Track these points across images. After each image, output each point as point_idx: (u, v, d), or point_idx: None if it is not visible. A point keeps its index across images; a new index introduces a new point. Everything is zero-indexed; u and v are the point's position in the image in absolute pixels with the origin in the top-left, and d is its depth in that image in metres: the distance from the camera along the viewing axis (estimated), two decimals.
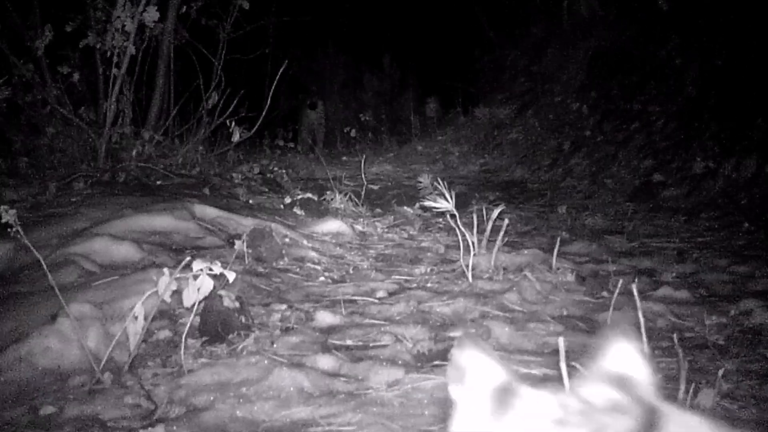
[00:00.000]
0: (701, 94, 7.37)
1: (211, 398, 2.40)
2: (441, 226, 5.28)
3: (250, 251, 3.95)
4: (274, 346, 2.84)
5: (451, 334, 3.03)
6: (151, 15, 5.98)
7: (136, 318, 2.54)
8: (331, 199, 5.82)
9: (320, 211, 5.55)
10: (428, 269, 4.12)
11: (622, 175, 7.26)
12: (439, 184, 3.96)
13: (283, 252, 4.20)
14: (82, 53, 6.36)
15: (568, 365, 1.94)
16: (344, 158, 9.96)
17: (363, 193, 6.03)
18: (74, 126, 6.12)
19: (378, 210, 5.97)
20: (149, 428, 2.18)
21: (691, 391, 2.20)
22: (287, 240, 4.46)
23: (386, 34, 12.45)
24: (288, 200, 5.60)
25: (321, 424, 2.24)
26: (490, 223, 4.04)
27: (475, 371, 0.82)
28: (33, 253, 2.69)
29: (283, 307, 3.32)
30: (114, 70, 5.99)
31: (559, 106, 9.63)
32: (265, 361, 2.61)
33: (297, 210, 5.40)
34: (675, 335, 2.47)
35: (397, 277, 3.98)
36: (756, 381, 2.51)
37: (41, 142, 6.07)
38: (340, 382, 2.57)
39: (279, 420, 2.29)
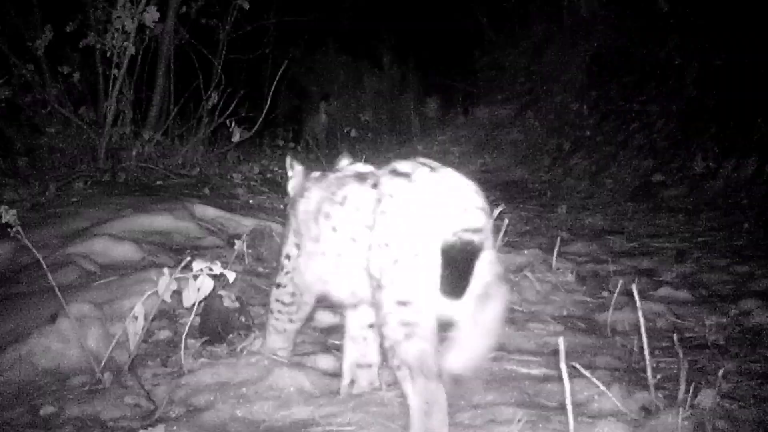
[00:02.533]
0: (701, 94, 7.37)
1: (211, 398, 2.40)
2: None
3: (250, 251, 3.95)
4: None
5: (451, 333, 3.02)
6: (151, 15, 5.97)
7: (136, 318, 2.54)
8: None
9: None
10: None
11: (622, 175, 7.26)
12: None
13: None
14: (82, 53, 6.36)
15: (568, 365, 1.94)
16: None
17: None
18: (74, 126, 6.12)
19: None
20: (149, 428, 2.18)
21: (691, 391, 2.20)
22: None
23: (386, 34, 12.44)
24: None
25: (321, 424, 2.24)
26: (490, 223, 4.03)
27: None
28: (33, 253, 2.69)
29: None
30: (114, 70, 5.99)
31: (559, 106, 9.63)
32: (265, 361, 2.61)
33: None
34: (675, 335, 2.47)
35: None
36: (756, 381, 2.51)
37: (41, 142, 6.07)
38: (340, 382, 2.57)
39: (279, 420, 2.29)
